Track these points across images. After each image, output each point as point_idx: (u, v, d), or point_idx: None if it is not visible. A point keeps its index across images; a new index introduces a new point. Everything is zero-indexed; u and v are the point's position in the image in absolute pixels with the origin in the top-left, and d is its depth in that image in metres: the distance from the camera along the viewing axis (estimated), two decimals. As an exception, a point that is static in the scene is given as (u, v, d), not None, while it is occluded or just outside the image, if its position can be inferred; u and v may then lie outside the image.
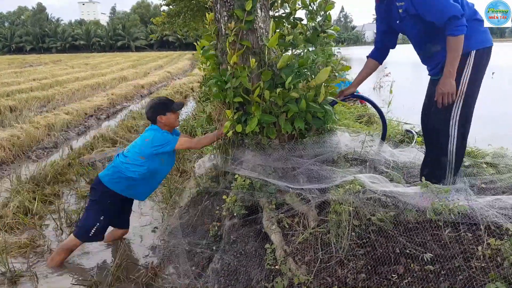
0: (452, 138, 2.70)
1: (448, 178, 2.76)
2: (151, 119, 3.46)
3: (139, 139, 3.46)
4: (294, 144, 3.29)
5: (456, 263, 2.08)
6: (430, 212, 2.32)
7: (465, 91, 2.62)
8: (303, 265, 2.43)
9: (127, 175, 3.35)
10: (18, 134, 7.33)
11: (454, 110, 2.66)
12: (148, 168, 3.37)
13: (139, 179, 3.38)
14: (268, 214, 2.94)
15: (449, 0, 2.50)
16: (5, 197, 4.84)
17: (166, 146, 3.35)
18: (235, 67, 3.20)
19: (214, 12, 3.43)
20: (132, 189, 3.44)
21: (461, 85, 2.61)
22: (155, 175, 3.49)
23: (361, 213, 2.50)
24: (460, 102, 2.64)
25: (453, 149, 2.72)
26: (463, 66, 2.59)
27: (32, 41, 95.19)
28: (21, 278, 3.25)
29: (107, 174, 3.42)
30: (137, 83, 16.96)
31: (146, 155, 3.34)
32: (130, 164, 3.35)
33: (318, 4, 3.49)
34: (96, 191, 3.43)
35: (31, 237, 3.87)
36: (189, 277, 2.91)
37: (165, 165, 3.52)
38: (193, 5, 9.32)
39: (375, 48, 3.31)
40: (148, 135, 3.38)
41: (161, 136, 3.36)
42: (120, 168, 3.37)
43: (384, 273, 2.20)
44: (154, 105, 3.47)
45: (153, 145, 3.31)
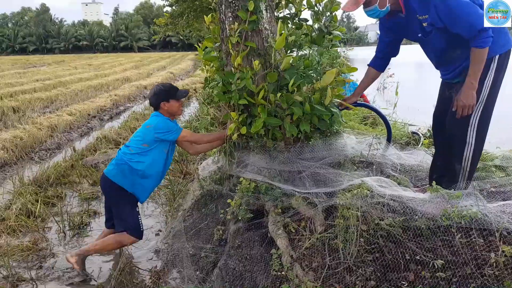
0: (469, 146, 2.63)
1: (460, 185, 2.66)
2: (154, 105, 3.37)
3: (141, 128, 3.38)
4: (300, 147, 3.24)
5: (468, 270, 2.03)
6: (441, 219, 2.26)
7: (485, 99, 2.57)
8: (310, 272, 2.38)
9: (132, 167, 3.23)
10: (21, 135, 7.30)
11: (474, 116, 2.60)
12: (153, 158, 3.26)
13: (144, 171, 3.26)
14: (274, 218, 2.89)
15: (477, 11, 2.44)
16: (7, 199, 4.81)
17: (170, 134, 3.26)
18: (239, 69, 3.16)
19: (219, 13, 3.38)
20: (136, 185, 3.31)
21: (483, 90, 2.55)
22: (158, 167, 3.36)
23: (369, 218, 2.45)
24: (481, 108, 2.59)
25: (469, 156, 2.65)
26: (487, 71, 2.53)
27: (35, 42, 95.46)
28: (23, 282, 3.22)
29: (111, 169, 3.32)
30: (140, 84, 16.96)
31: (149, 141, 3.24)
32: (134, 154, 3.25)
33: (323, 4, 3.45)
34: (110, 193, 3.36)
35: (34, 240, 3.83)
36: (193, 282, 2.87)
37: (168, 157, 3.42)
38: (196, 6, 9.29)
39: (376, 57, 3.23)
40: (150, 122, 3.30)
41: (164, 122, 3.28)
42: (124, 161, 3.27)
43: (394, 280, 2.15)
44: (158, 91, 3.37)
45: (156, 131, 3.22)
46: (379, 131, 4.82)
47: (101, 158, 6.16)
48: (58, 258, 3.60)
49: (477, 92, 2.52)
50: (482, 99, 2.57)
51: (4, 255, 3.43)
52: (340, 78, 3.27)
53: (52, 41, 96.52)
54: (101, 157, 6.19)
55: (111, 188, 3.30)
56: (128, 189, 3.29)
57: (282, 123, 3.16)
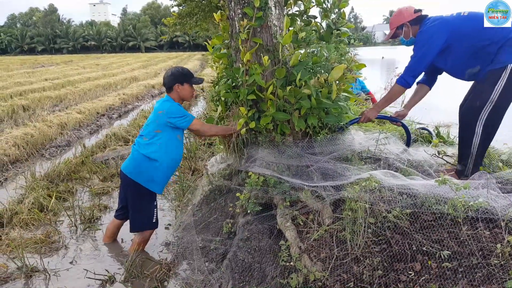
0: (477, 136, 2.98)
1: (469, 167, 3.07)
2: (168, 85, 3.39)
3: (152, 115, 3.39)
4: (308, 141, 3.28)
5: (474, 260, 2.06)
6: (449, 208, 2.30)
7: (495, 100, 2.88)
8: (319, 262, 2.42)
9: (148, 156, 3.28)
10: (32, 132, 7.42)
11: (483, 112, 2.93)
12: (166, 144, 3.31)
13: (158, 159, 3.30)
14: (282, 211, 2.94)
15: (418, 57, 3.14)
16: (20, 194, 4.91)
17: (182, 120, 3.31)
18: (248, 65, 3.21)
19: (228, 10, 3.44)
20: (152, 179, 3.37)
21: (493, 93, 2.88)
22: (172, 154, 3.40)
23: (376, 210, 2.49)
24: (490, 107, 2.90)
25: (476, 143, 3.00)
26: (498, 78, 2.85)
27: (43, 42, 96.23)
28: (37, 272, 3.29)
29: (128, 164, 3.41)
30: (148, 83, 17.08)
31: (162, 125, 3.29)
32: (148, 144, 3.30)
33: (332, 1, 3.49)
34: (128, 188, 3.43)
35: (46, 233, 3.91)
36: (203, 273, 2.92)
37: (180, 144, 3.47)
38: (204, 5, 9.32)
39: (425, 75, 3.59)
40: (161, 107, 3.32)
41: (176, 107, 3.32)
42: (139, 151, 3.32)
43: (400, 270, 2.19)
44: (175, 72, 3.41)
45: (168, 115, 3.26)
46: (386, 128, 4.84)
47: (111, 154, 6.25)
48: (70, 250, 3.68)
49: (487, 93, 2.89)
50: (492, 100, 2.88)
51: (18, 246, 3.51)
52: (349, 76, 3.31)
53: (60, 41, 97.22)
54: (111, 154, 6.27)
55: (128, 184, 3.40)
56: (144, 185, 3.36)
57: (290, 117, 3.20)
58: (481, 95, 2.93)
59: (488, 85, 2.89)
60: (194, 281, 2.89)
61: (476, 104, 2.95)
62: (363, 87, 7.02)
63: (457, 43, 3.01)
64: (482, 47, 2.93)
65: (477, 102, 2.95)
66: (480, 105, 2.92)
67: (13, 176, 5.81)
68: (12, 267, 3.34)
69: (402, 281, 2.13)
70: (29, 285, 3.16)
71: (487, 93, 2.89)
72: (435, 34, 3.04)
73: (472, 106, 2.98)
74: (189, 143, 6.24)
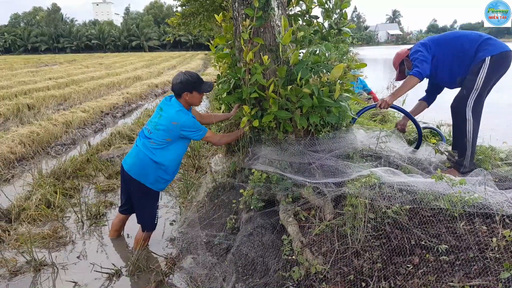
0: (469, 122, 3.42)
1: (467, 155, 3.46)
2: (177, 92, 3.34)
3: (164, 121, 3.27)
4: (310, 139, 3.35)
5: (471, 254, 2.12)
6: (445, 203, 2.36)
7: (479, 88, 3.40)
8: (320, 256, 2.49)
9: (155, 160, 3.29)
10: (37, 130, 7.51)
11: (470, 99, 3.42)
12: (176, 153, 3.36)
13: (166, 164, 3.34)
14: (284, 207, 3.01)
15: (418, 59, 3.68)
16: (27, 191, 5.00)
17: (196, 134, 3.34)
18: (251, 64, 3.28)
19: (232, 10, 3.51)
20: (157, 180, 3.41)
21: (477, 81, 3.39)
22: (179, 160, 3.48)
23: (376, 206, 2.56)
24: (476, 93, 3.41)
25: (470, 129, 3.43)
26: (479, 69, 3.39)
27: (47, 41, 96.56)
28: (45, 266, 3.38)
29: (131, 163, 3.39)
30: (151, 83, 17.17)
31: (174, 137, 3.29)
32: (157, 149, 3.30)
33: (334, 2, 3.55)
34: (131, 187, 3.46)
35: (54, 229, 4.00)
36: (207, 267, 3.00)
37: (186, 149, 3.52)
38: (208, 5, 9.40)
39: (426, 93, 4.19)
40: (176, 119, 3.24)
41: (192, 121, 3.29)
42: (145, 153, 3.31)
43: (399, 263, 2.26)
44: (184, 80, 3.30)
45: (183, 129, 3.25)
46: (388, 127, 4.90)
47: (115, 152, 6.33)
48: (77, 245, 3.77)
49: (471, 82, 3.41)
50: (477, 88, 3.40)
51: (26, 241, 3.60)
52: (350, 75, 3.37)
53: (63, 41, 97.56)
54: (115, 152, 6.36)
55: (132, 182, 3.42)
56: (149, 185, 3.41)
57: (292, 116, 3.27)
58: (467, 85, 3.44)
59: (472, 76, 3.41)
60: (199, 275, 2.97)
61: (463, 93, 3.45)
62: (365, 86, 7.08)
63: (439, 52, 3.61)
64: (462, 52, 3.51)
65: (464, 91, 3.45)
66: (466, 93, 3.42)
67: (19, 173, 5.91)
68: (21, 261, 3.42)
69: (400, 274, 2.19)
70: (38, 278, 3.25)
71: (471, 82, 3.40)
72: (420, 43, 3.76)
73: (460, 95, 3.48)
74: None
